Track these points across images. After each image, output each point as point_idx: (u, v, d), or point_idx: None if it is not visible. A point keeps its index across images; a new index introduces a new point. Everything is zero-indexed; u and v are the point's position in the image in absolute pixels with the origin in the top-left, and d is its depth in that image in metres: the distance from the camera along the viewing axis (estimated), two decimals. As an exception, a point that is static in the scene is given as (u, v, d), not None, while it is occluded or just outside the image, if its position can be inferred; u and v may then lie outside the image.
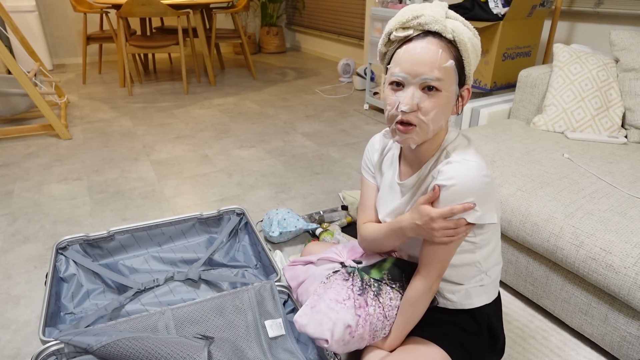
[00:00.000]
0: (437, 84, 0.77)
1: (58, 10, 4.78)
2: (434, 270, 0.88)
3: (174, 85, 4.09)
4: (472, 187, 0.79)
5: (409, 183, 0.93)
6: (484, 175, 0.80)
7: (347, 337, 0.90)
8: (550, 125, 1.72)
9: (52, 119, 2.72)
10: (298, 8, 5.79)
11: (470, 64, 0.80)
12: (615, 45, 1.71)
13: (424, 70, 0.76)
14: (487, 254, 0.93)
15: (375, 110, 3.41)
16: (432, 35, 0.77)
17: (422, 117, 0.79)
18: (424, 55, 0.76)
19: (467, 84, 0.82)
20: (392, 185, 0.98)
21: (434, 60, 0.76)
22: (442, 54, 0.76)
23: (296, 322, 0.94)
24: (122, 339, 0.97)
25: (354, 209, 1.85)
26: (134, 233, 1.45)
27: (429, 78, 0.76)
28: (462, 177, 0.79)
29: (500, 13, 2.32)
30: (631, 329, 1.08)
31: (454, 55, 0.78)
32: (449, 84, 0.78)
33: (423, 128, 0.80)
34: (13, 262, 1.61)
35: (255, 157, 2.54)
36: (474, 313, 0.97)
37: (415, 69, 0.77)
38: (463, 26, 0.79)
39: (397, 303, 0.95)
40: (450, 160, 0.82)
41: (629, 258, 1.04)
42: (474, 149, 0.86)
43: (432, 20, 0.76)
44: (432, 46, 0.76)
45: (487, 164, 0.85)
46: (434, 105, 0.78)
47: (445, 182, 0.80)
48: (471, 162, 0.80)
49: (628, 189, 1.26)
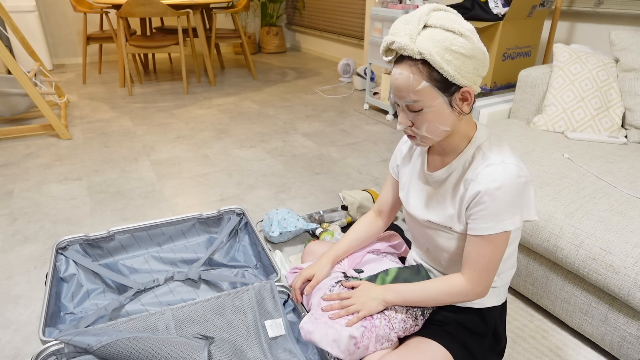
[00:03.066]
0: (417, 105, 0.81)
1: (58, 10, 4.78)
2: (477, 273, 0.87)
3: (174, 85, 4.09)
4: (515, 190, 0.81)
5: (437, 175, 0.93)
6: (522, 176, 0.82)
7: (352, 347, 0.90)
8: (550, 125, 1.72)
9: (52, 119, 2.72)
10: (298, 8, 5.79)
11: (456, 68, 0.77)
12: (615, 45, 1.71)
13: (403, 95, 0.81)
14: (505, 257, 0.94)
15: (376, 110, 3.41)
16: (406, 58, 0.79)
17: (417, 131, 0.85)
18: (400, 82, 0.81)
19: (463, 86, 0.80)
20: (420, 177, 0.99)
21: (407, 85, 0.80)
22: (414, 78, 0.79)
23: (302, 328, 0.94)
24: (122, 339, 0.97)
25: (354, 209, 1.85)
26: (134, 233, 1.45)
27: (407, 102, 0.82)
28: (506, 180, 0.80)
29: (500, 13, 2.32)
30: (631, 329, 1.08)
31: (428, 73, 0.78)
32: (430, 100, 0.80)
33: (423, 138, 0.86)
34: (13, 262, 1.61)
35: (255, 157, 2.54)
36: (483, 313, 0.97)
37: (397, 95, 0.83)
38: (439, 35, 0.76)
39: (403, 316, 0.96)
40: (491, 163, 0.83)
41: (629, 258, 1.04)
42: (510, 149, 0.87)
43: (402, 45, 0.78)
44: (405, 72, 0.79)
45: (524, 163, 0.86)
46: (422, 120, 0.83)
47: (489, 185, 0.81)
48: (511, 164, 0.82)
49: (628, 189, 1.26)
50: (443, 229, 0.93)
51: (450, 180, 0.91)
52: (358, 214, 1.84)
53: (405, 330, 0.96)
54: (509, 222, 0.82)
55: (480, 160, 0.85)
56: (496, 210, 0.82)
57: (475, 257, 0.87)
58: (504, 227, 0.83)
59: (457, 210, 0.89)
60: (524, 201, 0.83)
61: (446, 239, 0.94)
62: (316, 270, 1.09)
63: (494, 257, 0.86)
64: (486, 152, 0.86)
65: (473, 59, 0.78)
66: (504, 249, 0.86)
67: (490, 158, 0.84)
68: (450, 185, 0.91)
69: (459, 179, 0.89)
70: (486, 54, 0.81)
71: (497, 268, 0.88)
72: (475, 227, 0.85)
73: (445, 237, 0.94)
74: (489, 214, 0.82)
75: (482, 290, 0.89)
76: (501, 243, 0.85)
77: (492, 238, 0.84)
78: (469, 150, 0.88)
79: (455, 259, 0.96)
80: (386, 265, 1.09)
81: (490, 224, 0.83)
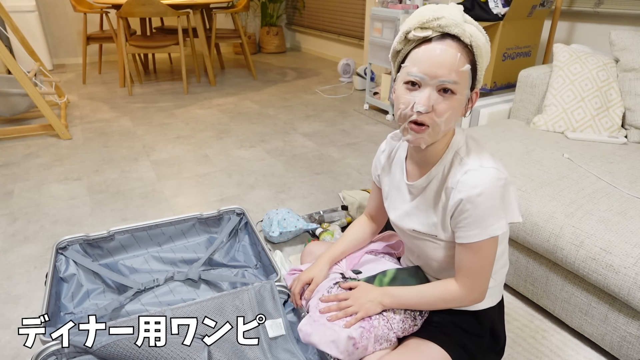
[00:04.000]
0: (454, 86, 0.77)
1: (58, 10, 4.78)
2: (470, 280, 0.87)
3: (174, 85, 4.09)
4: (497, 194, 0.81)
5: (418, 184, 0.92)
6: (502, 179, 0.81)
7: (351, 348, 0.90)
8: (550, 125, 1.72)
9: (52, 119, 2.72)
10: (298, 8, 5.79)
11: (483, 68, 0.82)
12: (615, 45, 1.71)
13: (443, 73, 0.76)
14: (496, 256, 0.93)
15: (375, 110, 3.41)
16: (451, 38, 0.78)
17: (436, 119, 0.79)
18: (443, 58, 0.76)
19: (476, 87, 0.83)
20: (400, 186, 0.98)
21: (452, 62, 0.76)
22: (461, 58, 0.77)
23: (300, 331, 0.94)
24: (122, 339, 0.97)
25: (354, 209, 1.85)
26: (134, 233, 1.45)
27: (446, 80, 0.77)
28: (486, 185, 0.80)
29: (500, 13, 2.32)
30: (631, 329, 1.08)
31: (470, 59, 0.79)
32: (464, 87, 0.79)
33: (435, 129, 0.81)
34: (13, 262, 1.61)
35: (255, 157, 2.54)
36: (479, 315, 0.97)
37: (433, 71, 0.77)
38: (478, 31, 0.80)
39: (401, 316, 0.96)
40: (469, 169, 0.82)
41: (629, 258, 1.04)
42: (487, 151, 0.86)
43: (452, 23, 0.76)
44: (451, 49, 0.76)
45: (503, 165, 0.86)
46: (448, 107, 0.79)
47: (470, 192, 0.80)
48: (489, 168, 0.81)
49: (628, 189, 1.26)
50: (428, 238, 0.93)
51: (431, 187, 0.90)
52: (358, 214, 1.84)
53: (404, 331, 0.96)
54: (495, 227, 0.82)
55: (459, 167, 0.85)
56: (480, 217, 0.81)
57: (467, 265, 0.86)
58: (491, 233, 0.82)
59: (441, 218, 0.89)
60: (506, 203, 0.83)
61: (432, 248, 0.93)
62: (314, 273, 1.08)
63: (485, 263, 0.85)
64: (463, 157, 0.85)
65: (486, 66, 0.82)
66: (494, 254, 0.86)
67: (467, 164, 0.83)
68: (431, 193, 0.90)
69: (439, 186, 0.89)
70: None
71: (490, 272, 0.87)
72: (462, 235, 0.84)
73: (431, 246, 0.94)
74: (474, 221, 0.82)
75: (477, 296, 0.89)
76: (490, 249, 0.84)
77: (481, 245, 0.83)
78: (447, 156, 0.88)
79: (444, 267, 0.96)
80: (384, 266, 1.09)
81: (476, 231, 0.82)
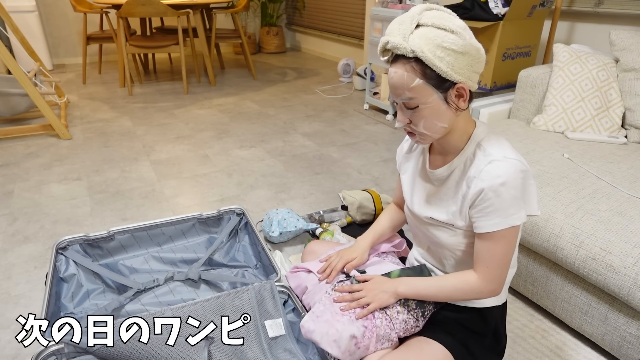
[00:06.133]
0: (412, 102, 0.83)
1: (58, 10, 4.78)
2: (490, 270, 0.88)
3: (174, 85, 4.09)
4: (519, 184, 0.82)
5: (439, 173, 0.94)
6: (524, 170, 0.83)
7: (353, 347, 0.90)
8: (550, 125, 1.72)
9: (52, 119, 2.72)
10: (298, 8, 5.79)
11: (443, 69, 0.78)
12: (615, 45, 1.71)
13: (399, 93, 0.84)
14: None
15: (376, 110, 3.41)
16: (401, 57, 0.82)
17: (415, 128, 0.86)
18: (395, 80, 0.83)
19: (458, 83, 0.81)
20: (422, 174, 1.00)
21: (401, 83, 0.82)
22: (408, 76, 0.81)
23: (302, 327, 0.94)
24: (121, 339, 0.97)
25: (354, 209, 1.85)
26: (134, 233, 1.45)
27: (403, 99, 0.84)
28: (509, 175, 0.81)
29: (500, 13, 2.32)
30: (631, 329, 1.08)
31: (421, 70, 0.80)
32: (425, 97, 0.82)
33: (422, 135, 0.87)
34: (13, 262, 1.61)
35: (255, 157, 2.54)
36: (484, 313, 0.97)
37: (394, 93, 0.85)
38: (431, 33, 0.78)
39: (404, 317, 0.96)
40: (493, 159, 0.84)
41: (629, 258, 1.04)
42: (509, 144, 0.88)
43: (398, 41, 0.80)
44: (399, 70, 0.82)
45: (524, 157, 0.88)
46: (419, 117, 0.84)
47: (493, 182, 0.82)
48: (513, 159, 0.83)
49: (628, 189, 1.26)
50: (445, 226, 0.94)
51: (453, 178, 0.92)
52: (358, 214, 1.84)
53: (406, 331, 0.96)
54: (516, 216, 0.83)
55: (482, 157, 0.86)
56: (502, 206, 0.82)
57: (487, 255, 0.87)
58: (512, 222, 0.83)
59: (459, 207, 0.90)
60: (526, 195, 0.84)
61: (448, 235, 0.94)
62: (358, 254, 1.11)
63: (505, 253, 0.86)
64: (487, 148, 0.87)
65: (466, 55, 0.79)
66: (514, 244, 0.87)
67: (491, 154, 0.85)
68: (452, 182, 0.92)
69: (461, 176, 0.90)
70: (480, 50, 0.82)
71: (509, 264, 0.88)
72: (483, 224, 0.85)
73: (447, 233, 0.94)
74: (495, 210, 0.83)
75: (495, 287, 0.89)
76: (511, 238, 0.85)
77: (502, 234, 0.85)
78: (469, 148, 0.89)
79: (456, 258, 0.96)
80: (388, 267, 1.09)
81: (497, 220, 0.84)
